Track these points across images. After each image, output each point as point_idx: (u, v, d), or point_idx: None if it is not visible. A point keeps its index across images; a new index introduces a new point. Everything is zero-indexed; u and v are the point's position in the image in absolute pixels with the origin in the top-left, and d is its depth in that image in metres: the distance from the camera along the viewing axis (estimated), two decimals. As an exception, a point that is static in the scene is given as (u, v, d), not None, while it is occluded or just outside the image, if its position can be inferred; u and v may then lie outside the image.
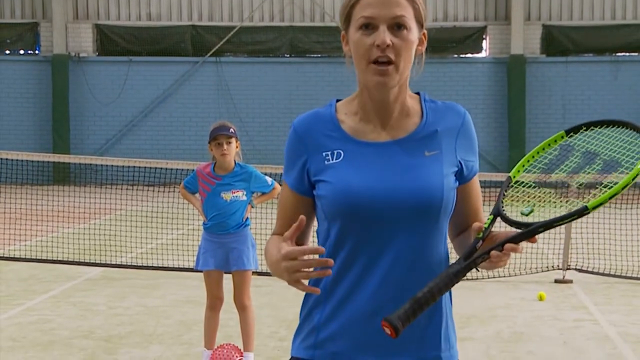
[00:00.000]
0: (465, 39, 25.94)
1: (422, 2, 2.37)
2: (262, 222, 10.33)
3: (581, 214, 2.11)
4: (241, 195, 6.28)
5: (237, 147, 6.28)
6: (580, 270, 10.31)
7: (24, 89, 26.23)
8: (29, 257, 11.23)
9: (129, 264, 10.98)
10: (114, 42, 26.39)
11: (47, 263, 10.87)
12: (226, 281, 6.39)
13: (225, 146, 6.17)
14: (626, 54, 25.71)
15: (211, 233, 6.30)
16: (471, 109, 23.41)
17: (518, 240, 2.16)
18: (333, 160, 2.34)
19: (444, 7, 26.07)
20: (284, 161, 2.44)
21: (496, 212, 2.26)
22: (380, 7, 2.29)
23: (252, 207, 6.45)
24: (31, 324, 7.78)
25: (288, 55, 26.40)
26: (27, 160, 17.10)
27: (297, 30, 26.28)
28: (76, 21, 26.52)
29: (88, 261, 10.99)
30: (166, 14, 26.57)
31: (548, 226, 2.14)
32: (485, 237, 2.22)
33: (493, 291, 9.44)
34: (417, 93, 2.45)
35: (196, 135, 25.39)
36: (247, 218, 6.36)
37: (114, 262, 11.03)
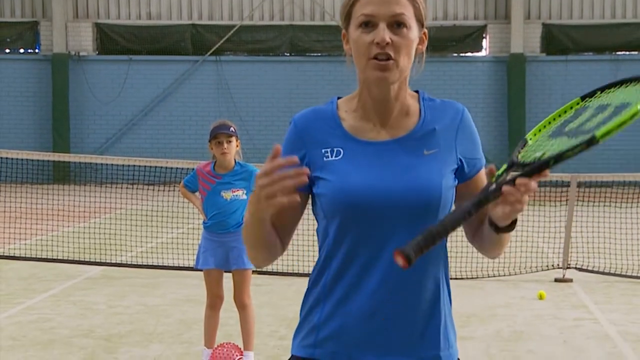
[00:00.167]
0: (465, 38, 25.94)
1: (423, 0, 2.37)
2: (262, 221, 10.32)
3: (590, 142, 2.06)
4: (241, 194, 6.29)
5: (237, 146, 6.28)
6: (580, 269, 10.32)
7: (24, 88, 26.23)
8: (29, 255, 11.24)
9: (129, 262, 10.98)
10: (114, 41, 26.40)
11: (47, 262, 10.88)
12: (226, 280, 6.39)
13: (225, 145, 6.17)
14: (626, 52, 25.72)
15: (211, 232, 6.30)
16: (471, 107, 23.39)
17: (529, 173, 2.12)
18: (332, 157, 2.35)
19: (444, 6, 26.07)
20: (281, 154, 2.44)
21: (510, 162, 2.22)
22: (380, 5, 2.29)
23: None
24: (31, 323, 7.78)
25: (288, 54, 26.40)
26: (27, 159, 17.11)
27: (297, 29, 26.28)
28: (76, 20, 26.52)
29: (88, 260, 10.99)
30: (166, 13, 26.57)
31: (558, 158, 2.10)
32: (499, 182, 2.17)
33: (493, 290, 9.45)
34: (417, 91, 2.45)
35: (196, 134, 25.40)
36: (247, 217, 6.35)
37: (114, 261, 11.03)
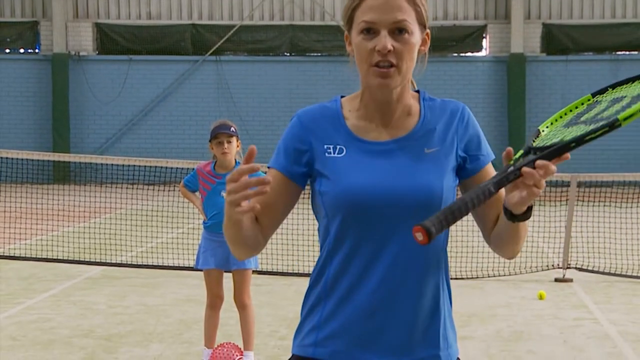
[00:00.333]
0: (465, 38, 25.94)
1: (425, 3, 2.36)
2: (262, 221, 10.32)
3: (612, 125, 2.04)
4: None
5: (237, 146, 6.28)
6: (581, 269, 10.32)
7: (24, 88, 26.23)
8: (29, 255, 11.24)
9: (129, 262, 10.98)
10: (114, 40, 26.39)
11: (47, 262, 10.88)
12: (226, 280, 6.39)
13: (226, 145, 6.17)
14: (626, 52, 25.71)
15: (211, 232, 6.30)
16: (471, 107, 23.11)
17: (549, 156, 2.09)
18: (334, 154, 2.35)
19: (444, 6, 26.07)
20: (278, 147, 2.43)
21: (527, 149, 2.19)
22: (382, 12, 2.28)
23: (253, 206, 6.44)
24: (31, 323, 7.78)
25: (288, 54, 26.40)
26: (27, 159, 17.11)
27: (297, 29, 26.28)
28: (76, 20, 26.52)
29: (88, 260, 11.00)
30: (166, 13, 26.57)
31: (580, 141, 2.07)
32: (516, 165, 2.14)
33: (493, 290, 9.45)
34: (417, 91, 2.46)
35: (196, 134, 25.40)
36: (247, 217, 6.36)
37: (114, 261, 11.03)
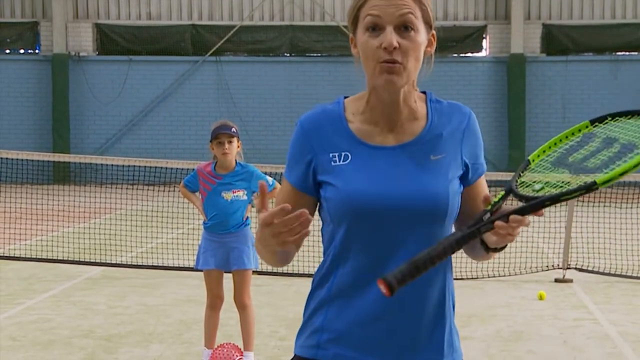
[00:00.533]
0: (465, 38, 25.94)
1: (429, 3, 2.34)
2: (262, 222, 10.32)
3: (589, 188, 2.05)
4: (242, 194, 6.29)
5: (238, 147, 6.28)
6: (580, 270, 10.32)
7: (24, 88, 26.23)
8: (29, 256, 11.24)
9: (129, 263, 10.98)
10: (114, 41, 26.40)
11: (47, 262, 10.88)
12: (226, 280, 6.39)
13: (226, 145, 6.17)
14: (626, 53, 25.71)
15: (211, 232, 6.30)
16: (471, 108, 22.96)
17: (524, 212, 2.10)
18: (340, 162, 2.33)
19: (444, 6, 26.07)
20: (287, 157, 2.41)
21: (508, 189, 2.20)
22: (387, 7, 2.26)
23: (253, 206, 6.45)
24: (31, 323, 7.78)
25: (288, 55, 26.40)
26: (27, 160, 17.11)
27: (297, 30, 26.28)
28: (76, 20, 26.52)
29: (88, 260, 11.00)
30: (166, 14, 26.57)
31: (555, 200, 2.08)
32: (494, 210, 2.16)
33: (493, 290, 9.45)
34: (424, 92, 2.44)
35: (196, 134, 25.40)
36: (247, 217, 6.37)
37: (114, 262, 11.03)
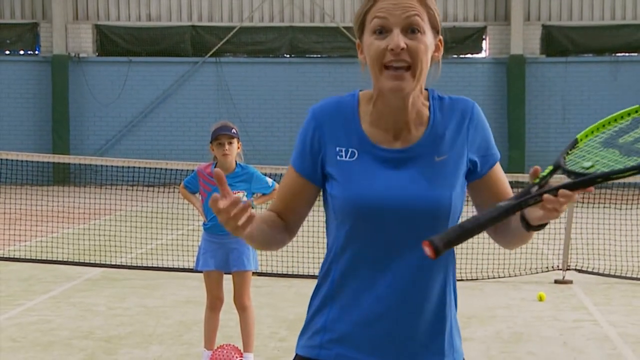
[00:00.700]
0: (465, 39, 25.94)
1: (436, 7, 2.33)
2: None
3: None
4: (242, 195, 6.28)
5: (238, 148, 6.28)
6: (580, 271, 10.32)
7: (23, 90, 26.23)
8: (28, 257, 11.23)
9: (129, 264, 10.98)
10: (113, 42, 26.40)
11: (47, 263, 10.87)
12: (226, 281, 6.39)
13: (226, 146, 6.17)
14: (626, 54, 25.71)
15: (211, 233, 6.30)
16: (471, 109, 23.36)
17: (574, 187, 2.06)
18: (345, 157, 2.33)
19: (444, 7, 26.07)
20: (296, 143, 2.41)
21: (556, 164, 2.17)
22: (394, 9, 2.25)
23: (253, 207, 6.44)
24: (31, 325, 7.78)
25: (288, 56, 26.40)
26: (27, 161, 17.10)
27: (297, 31, 26.28)
28: (76, 21, 26.52)
29: (88, 262, 10.99)
30: (166, 15, 26.57)
31: (606, 177, 2.05)
32: (542, 184, 2.12)
33: (493, 291, 9.45)
34: (426, 89, 2.42)
35: (196, 135, 25.40)
36: (247, 218, 6.36)
37: (113, 263, 11.03)
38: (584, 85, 25.54)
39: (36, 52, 26.58)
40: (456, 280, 2.44)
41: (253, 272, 6.42)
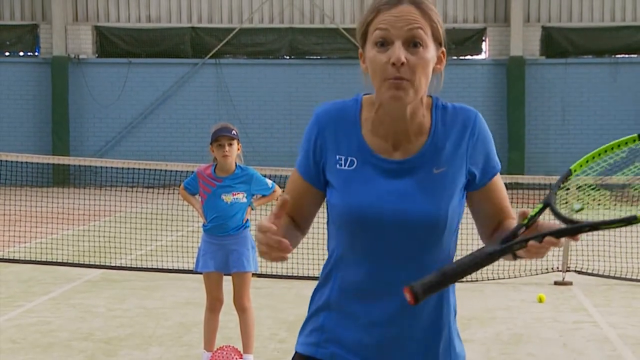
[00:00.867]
0: (465, 41, 25.94)
1: (440, 20, 2.32)
2: (262, 224, 10.31)
3: (629, 222, 2.04)
4: (242, 197, 6.29)
5: (238, 150, 6.28)
6: (580, 272, 10.32)
7: (23, 91, 26.23)
8: (28, 258, 11.23)
9: (129, 265, 10.97)
10: (113, 43, 26.39)
11: (46, 265, 10.86)
12: (226, 283, 6.39)
13: (226, 147, 6.17)
14: (625, 55, 25.71)
15: (211, 235, 6.30)
16: (471, 110, 23.35)
17: (560, 235, 2.08)
18: (345, 166, 2.34)
19: (443, 9, 26.08)
20: (301, 146, 2.43)
21: (547, 202, 2.18)
22: (397, 21, 2.25)
23: (252, 209, 6.46)
24: (31, 326, 7.78)
25: (287, 57, 26.40)
26: (27, 162, 17.10)
27: (297, 32, 26.28)
28: (76, 23, 26.52)
29: (88, 263, 10.99)
30: (166, 16, 26.57)
31: (594, 227, 2.06)
32: (530, 224, 2.14)
33: (493, 293, 9.45)
34: (430, 96, 2.41)
35: (196, 137, 25.40)
36: (247, 220, 6.37)
37: (113, 264, 11.02)
38: (583, 86, 25.54)
39: (36, 54, 26.58)
40: (454, 286, 2.45)
41: (253, 274, 6.43)
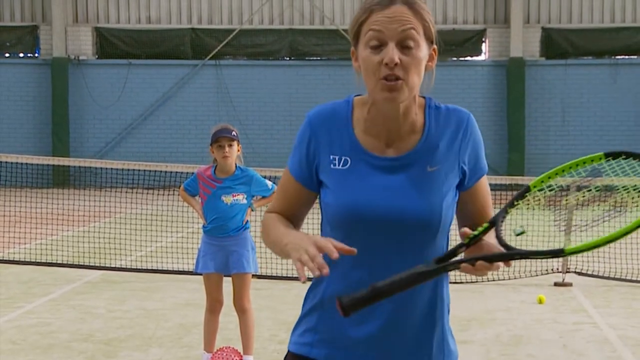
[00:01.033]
0: (465, 42, 25.94)
1: (432, 19, 2.34)
2: (262, 225, 10.32)
3: (556, 255, 2.11)
4: (242, 198, 6.29)
5: (238, 151, 6.28)
6: (580, 273, 10.32)
7: (23, 92, 26.23)
8: (28, 260, 11.23)
9: (129, 267, 10.97)
10: (113, 45, 26.39)
11: (46, 266, 10.87)
12: (226, 284, 6.40)
13: (227, 149, 6.17)
14: (625, 57, 25.71)
15: (211, 236, 6.30)
16: (470, 112, 23.34)
17: (492, 260, 2.14)
18: (339, 166, 2.36)
19: (444, 10, 26.09)
20: (293, 147, 2.44)
21: (492, 222, 2.21)
22: (389, 22, 2.27)
23: (252, 210, 6.46)
24: (31, 327, 7.78)
25: (287, 58, 26.41)
26: (27, 163, 17.12)
27: (297, 33, 26.28)
28: (76, 24, 26.53)
29: (88, 264, 10.99)
30: (166, 17, 26.58)
31: (524, 256, 2.13)
32: (472, 243, 2.19)
33: (492, 294, 9.45)
34: (423, 97, 2.43)
35: (196, 138, 25.40)
36: (247, 221, 6.37)
37: (113, 265, 11.02)
38: (583, 87, 25.54)
39: (36, 55, 26.58)
40: (455, 282, 2.48)
41: (253, 275, 6.43)
